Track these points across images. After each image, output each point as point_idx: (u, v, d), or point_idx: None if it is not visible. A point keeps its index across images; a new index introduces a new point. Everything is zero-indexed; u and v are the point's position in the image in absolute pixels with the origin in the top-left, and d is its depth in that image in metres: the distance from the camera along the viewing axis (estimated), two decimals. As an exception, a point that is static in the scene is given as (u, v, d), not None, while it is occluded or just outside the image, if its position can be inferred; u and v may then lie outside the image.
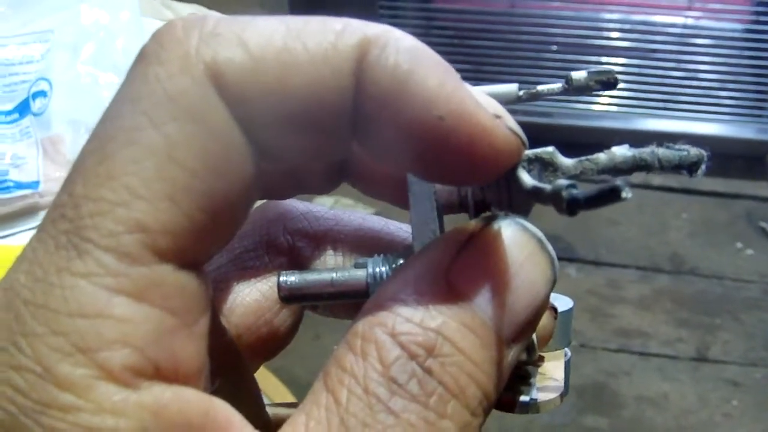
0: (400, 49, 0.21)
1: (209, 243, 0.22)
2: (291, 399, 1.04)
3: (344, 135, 0.22)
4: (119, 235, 0.20)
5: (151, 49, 0.21)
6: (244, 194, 0.22)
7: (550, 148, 0.23)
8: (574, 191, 0.19)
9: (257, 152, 0.22)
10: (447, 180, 0.24)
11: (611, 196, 0.19)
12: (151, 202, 0.20)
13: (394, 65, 0.21)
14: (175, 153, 0.20)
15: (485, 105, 0.22)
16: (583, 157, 0.22)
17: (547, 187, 0.21)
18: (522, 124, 0.23)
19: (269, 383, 1.04)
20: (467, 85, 0.22)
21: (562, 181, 0.20)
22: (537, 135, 0.22)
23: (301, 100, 0.21)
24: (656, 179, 2.55)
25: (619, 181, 0.19)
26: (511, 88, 0.26)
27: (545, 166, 0.23)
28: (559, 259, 0.24)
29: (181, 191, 0.20)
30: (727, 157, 2.59)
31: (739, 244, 2.43)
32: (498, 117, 0.22)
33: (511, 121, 0.22)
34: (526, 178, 0.22)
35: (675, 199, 2.58)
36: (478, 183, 0.25)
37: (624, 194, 0.19)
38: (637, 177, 0.24)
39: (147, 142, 0.20)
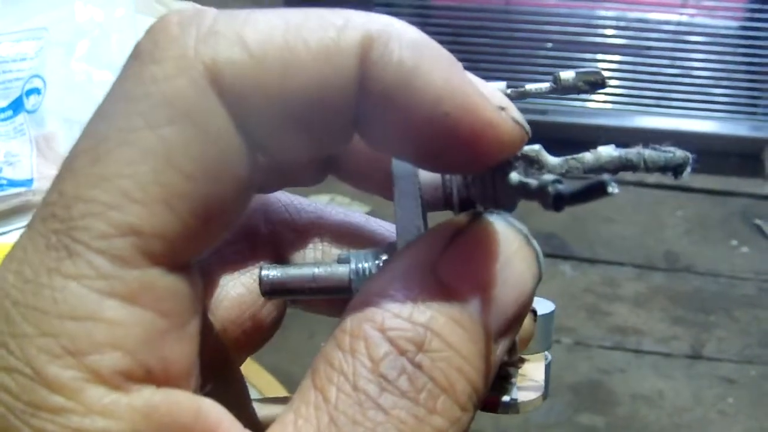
0: (404, 45, 0.21)
1: (202, 246, 0.22)
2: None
3: (345, 131, 0.22)
4: (111, 237, 0.20)
5: (146, 46, 0.20)
6: (240, 198, 0.22)
7: (537, 146, 0.23)
8: (560, 186, 0.19)
9: (255, 153, 0.21)
10: (449, 169, 0.24)
11: (597, 191, 0.19)
12: (146, 206, 0.20)
13: (398, 62, 0.20)
14: (172, 157, 0.20)
15: (489, 97, 0.21)
16: (569, 156, 0.22)
17: (534, 182, 0.21)
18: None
19: (264, 382, 1.04)
20: (471, 77, 0.22)
21: (548, 177, 0.20)
22: (531, 132, 0.22)
23: (303, 100, 0.20)
24: (651, 177, 2.55)
25: (605, 176, 0.18)
26: (499, 86, 0.26)
27: (531, 164, 0.23)
28: (555, 256, 0.24)
29: (178, 196, 0.20)
30: (722, 155, 2.60)
31: (734, 242, 2.44)
32: (502, 108, 0.22)
33: (515, 112, 0.22)
34: (513, 174, 0.22)
35: (670, 197, 2.59)
36: (479, 171, 0.25)
37: (610, 189, 0.18)
38: (633, 175, 0.24)
39: (143, 145, 0.20)
